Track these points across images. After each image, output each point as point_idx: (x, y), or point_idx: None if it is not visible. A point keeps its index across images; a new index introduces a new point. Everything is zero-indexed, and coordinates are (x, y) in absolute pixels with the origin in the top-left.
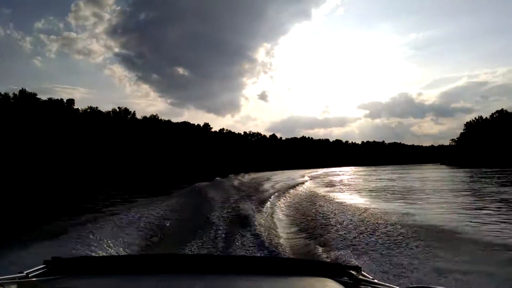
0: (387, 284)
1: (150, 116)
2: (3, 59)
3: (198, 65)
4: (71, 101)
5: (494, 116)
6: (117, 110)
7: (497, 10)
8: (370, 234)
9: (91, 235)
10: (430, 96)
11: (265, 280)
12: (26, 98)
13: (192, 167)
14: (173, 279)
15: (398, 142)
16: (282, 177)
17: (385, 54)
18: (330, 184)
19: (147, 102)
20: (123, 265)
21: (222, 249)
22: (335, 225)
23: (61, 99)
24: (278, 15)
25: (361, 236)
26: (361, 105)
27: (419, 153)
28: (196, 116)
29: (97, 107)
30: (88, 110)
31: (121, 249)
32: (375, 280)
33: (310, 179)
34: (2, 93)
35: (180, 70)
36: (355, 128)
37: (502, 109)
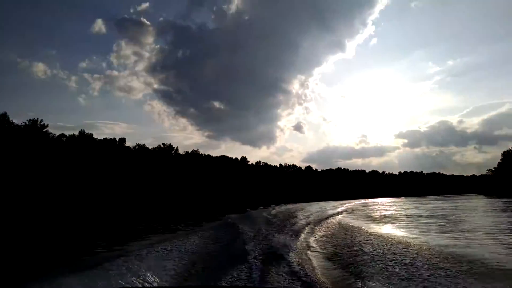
0: None
1: (192, 151)
2: (51, 97)
3: (234, 99)
4: (123, 140)
5: None
6: (162, 146)
7: None
8: (399, 256)
9: (132, 267)
10: (472, 124)
11: None
12: (84, 137)
13: (230, 199)
14: None
15: (437, 172)
16: (315, 207)
17: (422, 82)
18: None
19: (185, 135)
20: None
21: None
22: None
23: (114, 138)
24: (312, 47)
25: (389, 260)
26: (399, 134)
27: (459, 182)
28: (232, 148)
29: (144, 144)
30: (137, 147)
31: (158, 280)
32: None
33: (343, 211)
34: (53, 133)
35: (217, 104)
36: (394, 158)
37: None
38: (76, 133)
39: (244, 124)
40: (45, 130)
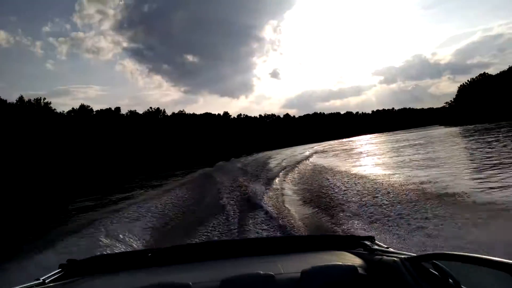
0: (401, 252)
1: (178, 111)
2: (18, 66)
3: (207, 50)
4: (118, 109)
5: (479, 78)
6: (150, 110)
7: None
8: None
9: (104, 230)
10: (445, 55)
11: (282, 258)
12: (84, 111)
13: (216, 151)
14: (189, 268)
15: (408, 107)
16: (293, 150)
17: (395, 17)
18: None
19: (161, 93)
20: (137, 259)
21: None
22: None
23: (110, 108)
24: None
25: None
26: (375, 71)
27: (425, 115)
28: (211, 101)
29: (135, 110)
30: (129, 114)
31: (136, 241)
32: (390, 249)
33: (316, 149)
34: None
35: (190, 57)
36: (372, 96)
37: (485, 72)
38: (49, 99)
39: (220, 76)
40: (50, 106)
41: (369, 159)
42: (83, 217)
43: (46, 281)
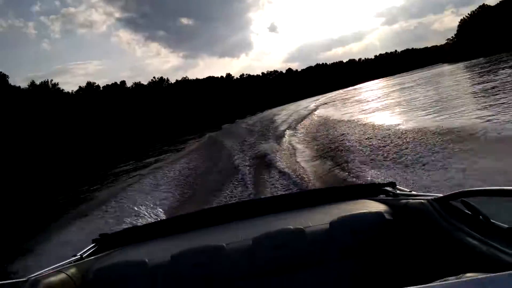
0: (426, 194)
1: (182, 78)
2: (13, 49)
3: (201, 11)
4: (123, 82)
5: (478, 10)
6: (154, 79)
7: None
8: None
9: (125, 206)
10: None
11: (308, 212)
12: (90, 88)
13: (221, 113)
14: (220, 230)
15: (411, 48)
16: (297, 105)
17: None
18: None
19: (161, 60)
20: (167, 227)
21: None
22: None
23: (116, 82)
24: None
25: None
26: (375, 13)
27: (428, 54)
28: (211, 64)
29: (140, 82)
30: (134, 86)
31: (160, 210)
32: (413, 192)
33: (320, 102)
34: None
35: (185, 21)
36: (374, 40)
37: (484, 3)
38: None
39: (218, 36)
40: (57, 87)
41: (367, 104)
42: (105, 191)
43: (83, 256)
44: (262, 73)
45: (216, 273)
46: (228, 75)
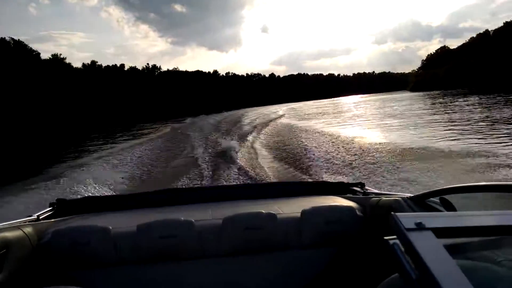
0: (395, 193)
1: (173, 69)
2: None
3: (196, 0)
4: (122, 65)
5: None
6: (147, 66)
7: None
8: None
9: (80, 178)
10: (438, 17)
11: (279, 201)
12: (93, 66)
13: (206, 105)
14: (189, 208)
15: (387, 71)
16: (271, 108)
17: None
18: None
19: (148, 43)
20: (123, 202)
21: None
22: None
23: (115, 65)
24: None
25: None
26: (366, 31)
27: (402, 80)
28: (199, 54)
29: (135, 66)
30: (129, 69)
31: (109, 190)
32: (383, 192)
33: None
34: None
35: (178, 7)
36: (361, 56)
37: (444, 46)
38: (32, 45)
39: (209, 28)
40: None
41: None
42: (75, 160)
43: (40, 217)
44: (247, 74)
45: (183, 248)
46: (215, 71)
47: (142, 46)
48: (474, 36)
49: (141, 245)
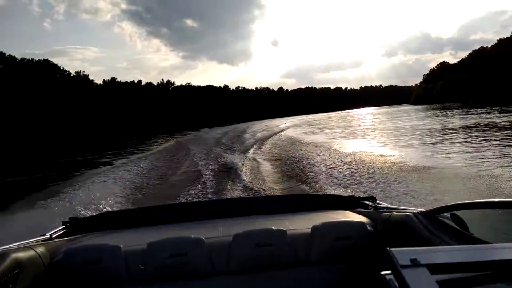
0: (408, 208)
1: (186, 84)
2: (14, 23)
3: (208, 15)
4: (140, 82)
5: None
6: (161, 81)
7: None
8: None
9: (82, 195)
10: (448, 30)
11: (289, 216)
12: (113, 82)
13: (217, 117)
14: (200, 225)
15: (395, 84)
16: (281, 121)
17: None
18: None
19: (160, 57)
20: (135, 217)
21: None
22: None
23: (133, 81)
24: None
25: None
26: (377, 44)
27: (408, 93)
28: (210, 68)
29: (151, 82)
30: (145, 84)
31: (110, 206)
32: (394, 206)
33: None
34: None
35: (190, 22)
36: (372, 68)
37: (444, 61)
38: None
39: (220, 42)
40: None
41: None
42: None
43: (53, 236)
44: (256, 88)
45: (194, 265)
46: (226, 86)
47: (154, 60)
48: (476, 49)
49: (152, 263)
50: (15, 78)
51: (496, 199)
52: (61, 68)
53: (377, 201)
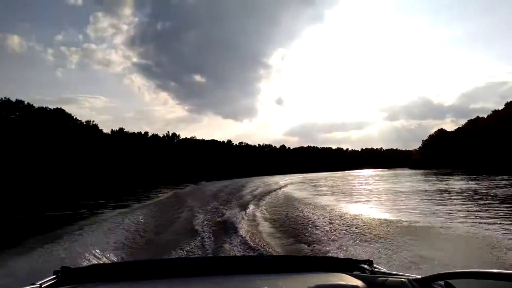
0: (404, 274)
1: (191, 137)
2: (28, 71)
3: (215, 72)
4: (146, 133)
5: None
6: (167, 133)
7: None
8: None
9: (91, 241)
10: (449, 98)
11: (282, 277)
12: (121, 133)
13: (220, 172)
14: (190, 282)
15: (395, 148)
16: (281, 177)
17: (403, 55)
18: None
19: (167, 109)
20: (129, 270)
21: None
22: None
23: (140, 132)
24: (292, 20)
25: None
26: (379, 107)
27: (408, 157)
28: (214, 122)
29: (157, 134)
30: (151, 136)
31: (103, 257)
32: (391, 271)
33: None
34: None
35: (197, 77)
36: (374, 131)
37: (441, 128)
38: (56, 106)
39: (226, 98)
40: (101, 129)
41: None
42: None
43: (42, 286)
44: (259, 144)
45: None
46: (229, 141)
47: (161, 112)
48: (472, 119)
49: None
50: (32, 125)
51: (494, 270)
52: (74, 117)
53: (374, 265)
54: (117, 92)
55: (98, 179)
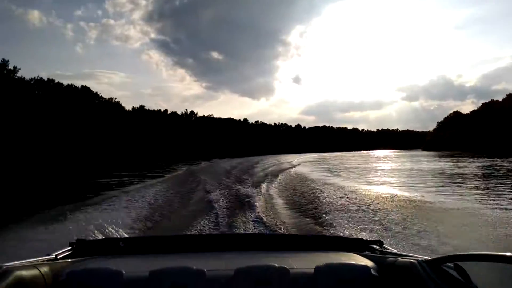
0: (414, 255)
1: (208, 115)
2: (47, 46)
3: (233, 49)
4: (166, 110)
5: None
6: (185, 111)
7: None
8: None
9: (90, 219)
10: (471, 78)
11: (293, 255)
12: (142, 110)
13: (238, 150)
14: (202, 256)
15: (411, 130)
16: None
17: (424, 34)
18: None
19: (184, 86)
20: (140, 244)
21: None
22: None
23: (160, 110)
24: None
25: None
26: (398, 87)
27: (421, 138)
28: (231, 100)
29: (175, 112)
30: (170, 113)
31: (119, 231)
32: (402, 252)
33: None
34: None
35: (215, 55)
36: (392, 111)
37: (457, 111)
38: (75, 81)
39: (243, 76)
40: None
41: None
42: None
43: (58, 257)
44: (275, 123)
45: None
46: (245, 120)
47: (178, 89)
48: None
49: None
50: (61, 103)
51: (504, 253)
52: (100, 95)
53: (384, 245)
54: (135, 68)
55: (124, 154)
